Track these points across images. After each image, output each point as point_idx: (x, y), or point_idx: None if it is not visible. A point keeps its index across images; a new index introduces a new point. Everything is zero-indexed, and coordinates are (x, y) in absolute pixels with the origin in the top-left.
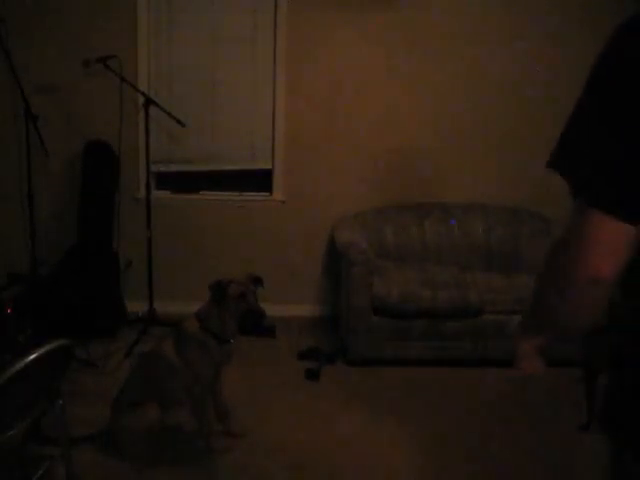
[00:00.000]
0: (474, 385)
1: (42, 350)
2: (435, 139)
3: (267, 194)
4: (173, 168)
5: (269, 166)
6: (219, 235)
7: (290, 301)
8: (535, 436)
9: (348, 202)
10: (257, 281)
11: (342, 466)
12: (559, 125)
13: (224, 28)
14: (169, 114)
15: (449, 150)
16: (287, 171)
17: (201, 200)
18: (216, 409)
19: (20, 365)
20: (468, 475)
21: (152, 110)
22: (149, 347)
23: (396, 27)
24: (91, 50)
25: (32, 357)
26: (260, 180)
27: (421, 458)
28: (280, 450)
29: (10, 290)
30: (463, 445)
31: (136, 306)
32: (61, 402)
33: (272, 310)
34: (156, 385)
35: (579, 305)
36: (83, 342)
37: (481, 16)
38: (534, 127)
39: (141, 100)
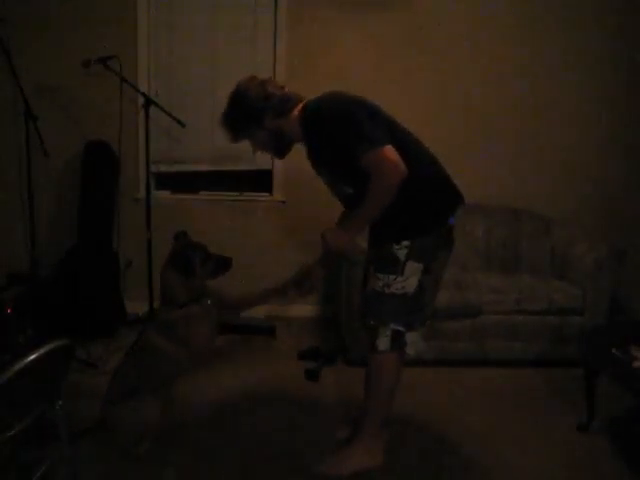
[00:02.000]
0: (474, 385)
1: (42, 350)
2: (435, 139)
3: (267, 194)
4: (173, 168)
5: (269, 166)
6: (219, 235)
7: (290, 301)
8: (535, 436)
9: None
10: (184, 234)
11: None
12: (560, 125)
13: (224, 28)
14: (169, 114)
15: (449, 150)
16: (287, 171)
17: (201, 200)
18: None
19: (20, 365)
20: (468, 474)
21: (152, 110)
22: (136, 345)
23: (396, 27)
24: (91, 50)
25: (32, 357)
26: (260, 180)
27: (420, 458)
28: (280, 450)
29: (10, 290)
30: (463, 444)
31: (136, 306)
32: (61, 402)
33: (272, 310)
34: (153, 378)
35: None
36: (83, 342)
37: (481, 16)
38: (535, 127)
39: (141, 100)
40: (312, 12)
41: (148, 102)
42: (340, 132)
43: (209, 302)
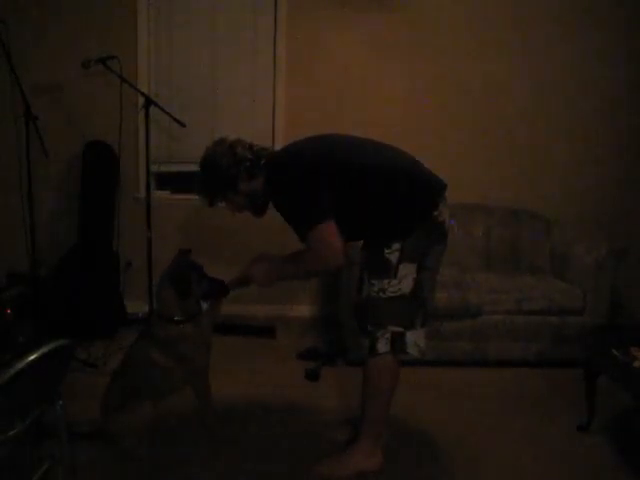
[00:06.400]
0: (474, 385)
1: (42, 350)
2: (435, 139)
3: None
4: (173, 168)
5: None
6: (219, 235)
7: (290, 301)
8: (535, 436)
9: None
10: (188, 252)
11: None
12: (559, 125)
13: (224, 28)
14: (169, 114)
15: (449, 150)
16: None
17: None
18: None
19: (20, 365)
20: (468, 475)
21: (152, 110)
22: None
23: (396, 26)
24: (91, 50)
25: (32, 357)
26: None
27: (420, 459)
28: (280, 451)
29: (10, 290)
30: (463, 445)
31: (136, 306)
32: (61, 402)
33: (272, 310)
34: (149, 387)
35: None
36: (83, 342)
37: (481, 17)
38: (534, 127)
39: (141, 100)
40: (312, 12)
41: (148, 102)
42: (286, 208)
43: (204, 322)
